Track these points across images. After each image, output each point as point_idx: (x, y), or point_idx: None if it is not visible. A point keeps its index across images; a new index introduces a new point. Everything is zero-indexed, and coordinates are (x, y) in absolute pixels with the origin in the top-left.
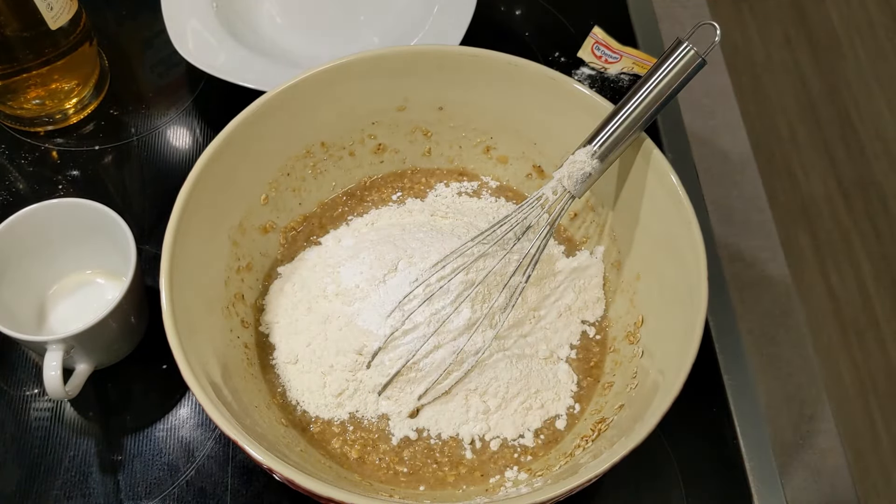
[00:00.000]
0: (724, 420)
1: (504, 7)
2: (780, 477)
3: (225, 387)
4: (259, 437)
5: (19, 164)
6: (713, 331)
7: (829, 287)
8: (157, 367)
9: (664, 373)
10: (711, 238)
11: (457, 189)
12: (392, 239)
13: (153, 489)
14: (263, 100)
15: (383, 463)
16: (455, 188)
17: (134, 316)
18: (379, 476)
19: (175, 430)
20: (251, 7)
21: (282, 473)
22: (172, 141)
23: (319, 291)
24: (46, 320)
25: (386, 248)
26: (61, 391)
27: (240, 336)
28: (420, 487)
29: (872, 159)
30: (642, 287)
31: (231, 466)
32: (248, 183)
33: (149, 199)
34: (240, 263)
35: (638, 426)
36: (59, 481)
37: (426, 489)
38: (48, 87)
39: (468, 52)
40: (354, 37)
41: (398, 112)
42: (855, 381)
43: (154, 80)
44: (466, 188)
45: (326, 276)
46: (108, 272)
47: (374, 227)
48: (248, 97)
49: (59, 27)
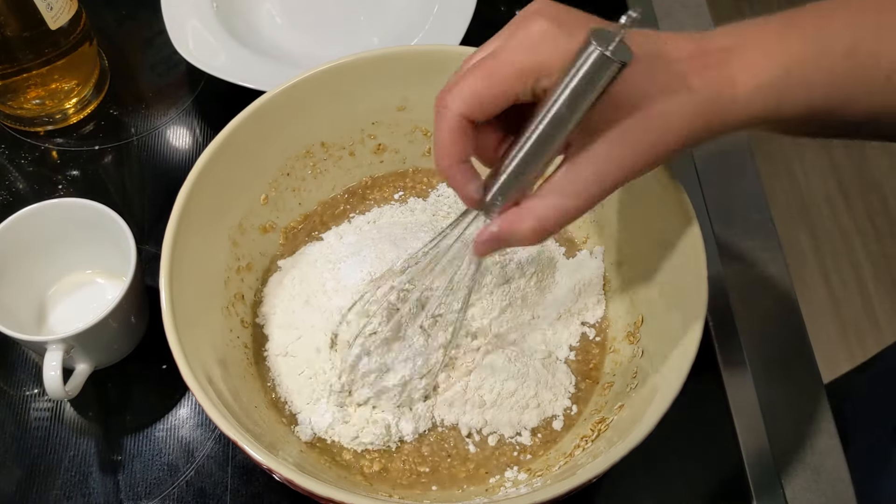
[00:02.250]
0: (724, 420)
1: (504, 7)
2: (780, 477)
3: (225, 387)
4: (259, 437)
5: (19, 164)
6: (713, 331)
7: (829, 287)
8: (157, 367)
9: (664, 373)
10: (711, 238)
11: None
12: (393, 238)
13: (153, 489)
14: (263, 100)
15: (406, 465)
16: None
17: (134, 316)
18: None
19: (175, 430)
20: (251, 7)
21: (281, 473)
22: (172, 141)
23: (319, 286)
24: (46, 320)
25: (387, 247)
26: (61, 391)
27: (239, 336)
28: (433, 488)
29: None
30: (642, 287)
31: (231, 466)
32: (248, 183)
33: (149, 199)
34: (239, 263)
35: (637, 426)
36: (59, 481)
37: (438, 489)
38: (48, 87)
39: (468, 52)
40: (354, 37)
41: (398, 112)
42: None
43: (154, 80)
44: None
45: (326, 271)
46: (108, 272)
47: (377, 226)
48: (248, 97)
49: (59, 27)
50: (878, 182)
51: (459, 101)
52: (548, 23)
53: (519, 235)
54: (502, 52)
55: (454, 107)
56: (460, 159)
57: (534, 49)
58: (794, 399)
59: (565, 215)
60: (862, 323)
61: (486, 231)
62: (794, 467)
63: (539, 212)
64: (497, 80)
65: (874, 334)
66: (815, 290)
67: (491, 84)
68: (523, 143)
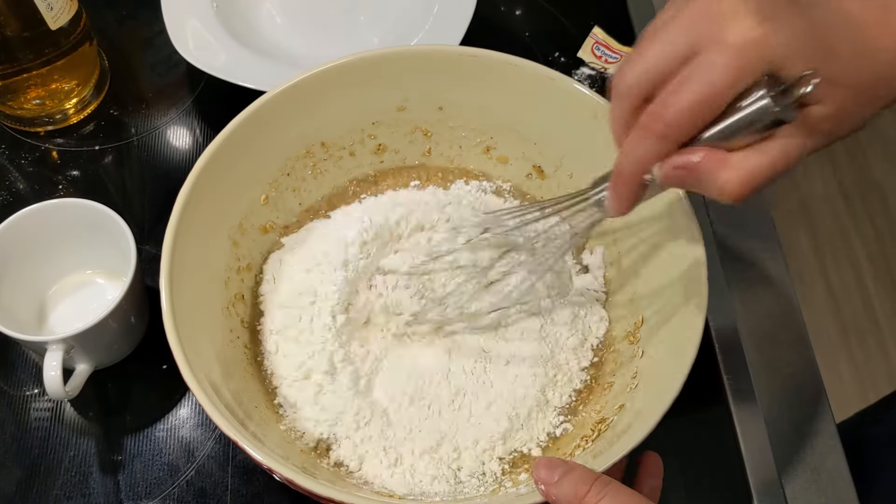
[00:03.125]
0: (724, 420)
1: (504, 7)
2: (780, 477)
3: (225, 387)
4: (259, 437)
5: (19, 164)
6: (713, 331)
7: (829, 287)
8: (157, 367)
9: (664, 373)
10: (711, 238)
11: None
12: (412, 207)
13: (153, 489)
14: (263, 100)
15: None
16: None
17: (134, 316)
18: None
19: (175, 430)
20: (251, 7)
21: (282, 473)
22: (172, 141)
23: (322, 256)
24: (46, 320)
25: (401, 212)
26: (61, 391)
27: (240, 336)
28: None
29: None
30: (642, 287)
31: (231, 466)
32: (248, 183)
33: (149, 199)
34: (240, 263)
35: (638, 426)
36: (59, 481)
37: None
38: (48, 87)
39: (468, 52)
40: (354, 37)
41: (398, 112)
42: (855, 381)
43: (154, 80)
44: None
45: (332, 239)
46: (108, 272)
47: (392, 199)
48: (248, 97)
49: (59, 27)
50: (878, 182)
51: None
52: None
53: (720, 180)
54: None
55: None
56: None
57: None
58: (795, 399)
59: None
60: (862, 323)
61: (682, 157)
62: (794, 467)
63: (751, 163)
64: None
65: (874, 334)
66: (815, 290)
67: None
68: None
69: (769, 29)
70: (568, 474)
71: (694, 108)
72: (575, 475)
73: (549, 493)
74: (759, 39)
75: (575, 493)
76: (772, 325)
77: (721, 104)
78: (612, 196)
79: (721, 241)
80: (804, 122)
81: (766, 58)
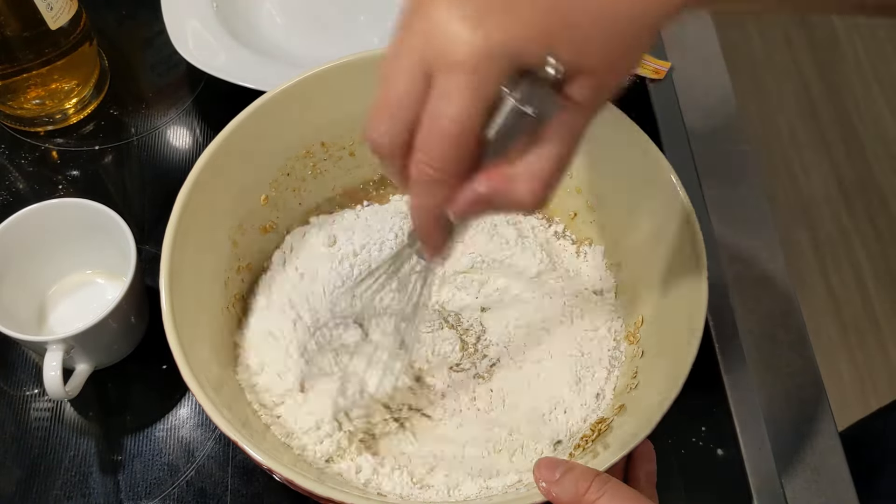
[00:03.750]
0: (724, 420)
1: None
2: (780, 477)
3: (225, 387)
4: (259, 437)
5: (19, 164)
6: (713, 331)
7: (829, 287)
8: (157, 367)
9: (664, 373)
10: (711, 238)
11: None
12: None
13: (153, 489)
14: (263, 100)
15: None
16: None
17: (134, 316)
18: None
19: (175, 430)
20: (251, 7)
21: (282, 474)
22: (172, 141)
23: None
24: (46, 320)
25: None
26: (61, 391)
27: None
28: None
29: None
30: (642, 287)
31: (231, 466)
32: (248, 183)
33: (149, 199)
34: (240, 263)
35: (638, 426)
36: (59, 481)
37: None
38: (48, 87)
39: None
40: (354, 37)
41: None
42: (855, 380)
43: (154, 80)
44: None
45: (291, 315)
46: (108, 272)
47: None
48: (248, 97)
49: (59, 27)
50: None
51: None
52: None
53: (514, 196)
54: None
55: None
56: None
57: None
58: (795, 399)
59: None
60: (862, 323)
61: (467, 193)
62: (794, 467)
63: (534, 167)
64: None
65: (874, 334)
66: (815, 290)
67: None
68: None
69: (491, 28)
70: (568, 472)
71: (453, 143)
72: (575, 473)
73: (550, 490)
74: (482, 45)
75: (576, 491)
76: (772, 325)
77: (476, 126)
78: (424, 248)
79: (721, 241)
80: (569, 101)
81: (499, 57)
